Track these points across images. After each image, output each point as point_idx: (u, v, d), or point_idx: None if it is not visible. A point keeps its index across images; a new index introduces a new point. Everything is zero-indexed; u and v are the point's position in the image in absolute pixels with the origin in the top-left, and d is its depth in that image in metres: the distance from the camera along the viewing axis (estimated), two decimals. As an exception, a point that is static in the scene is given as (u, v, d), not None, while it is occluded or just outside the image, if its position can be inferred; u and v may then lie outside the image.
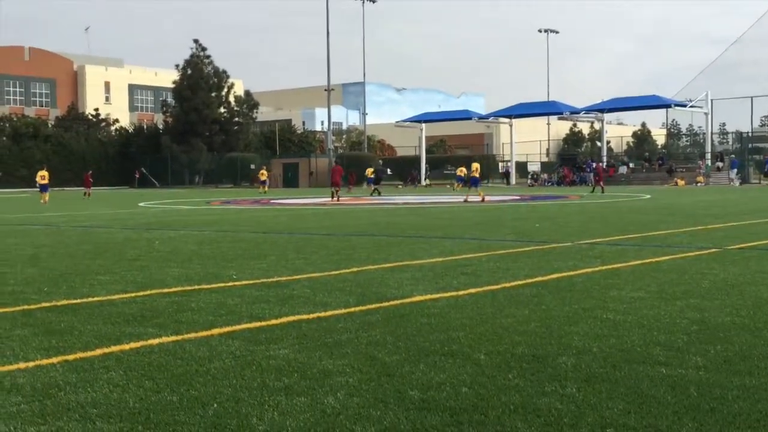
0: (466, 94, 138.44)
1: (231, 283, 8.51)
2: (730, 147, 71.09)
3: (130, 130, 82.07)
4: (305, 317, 6.51)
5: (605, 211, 22.69)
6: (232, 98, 76.81)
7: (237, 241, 13.93)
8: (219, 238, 14.47)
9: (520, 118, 71.35)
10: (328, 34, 72.92)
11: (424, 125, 73.35)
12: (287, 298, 7.51)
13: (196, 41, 75.38)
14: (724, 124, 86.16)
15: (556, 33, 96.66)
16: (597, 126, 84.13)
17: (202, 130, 73.63)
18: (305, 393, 4.39)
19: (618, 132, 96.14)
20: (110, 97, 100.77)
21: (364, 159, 68.59)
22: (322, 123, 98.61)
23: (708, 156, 62.60)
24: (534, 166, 71.86)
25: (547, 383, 4.51)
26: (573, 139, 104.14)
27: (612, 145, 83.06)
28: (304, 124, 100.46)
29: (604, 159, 67.08)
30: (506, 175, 68.84)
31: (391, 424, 3.87)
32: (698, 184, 55.76)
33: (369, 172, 47.00)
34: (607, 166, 63.83)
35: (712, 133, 65.89)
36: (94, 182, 46.38)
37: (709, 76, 71.58)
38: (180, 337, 5.82)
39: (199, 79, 73.79)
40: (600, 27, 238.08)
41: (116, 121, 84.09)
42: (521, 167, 71.70)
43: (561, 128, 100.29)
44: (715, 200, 29.05)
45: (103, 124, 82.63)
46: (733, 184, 54.24)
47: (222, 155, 74.10)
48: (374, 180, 44.84)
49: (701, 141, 70.86)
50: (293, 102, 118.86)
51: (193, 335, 5.89)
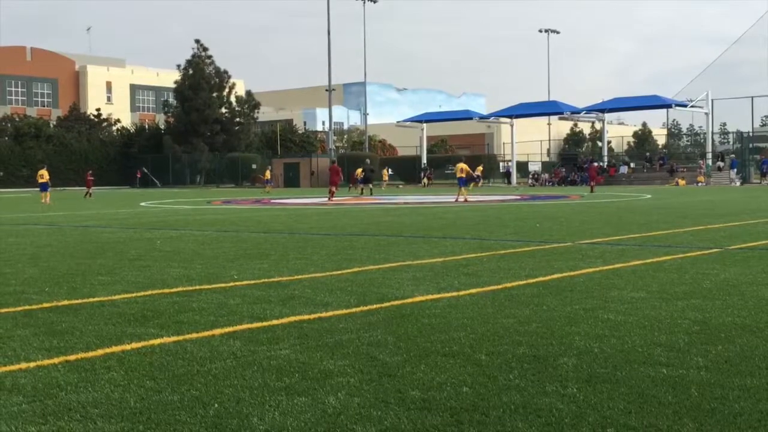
0: (467, 94, 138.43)
1: (232, 284, 8.51)
2: (730, 147, 71.05)
3: (132, 130, 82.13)
4: (306, 317, 6.51)
5: (606, 210, 22.68)
6: (233, 98, 76.89)
7: (238, 241, 13.94)
8: (220, 238, 14.48)
9: (521, 118, 71.36)
10: (329, 34, 73.02)
11: (425, 125, 73.37)
12: (288, 298, 7.52)
13: (198, 41, 75.50)
14: (724, 124, 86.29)
15: (557, 33, 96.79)
16: (598, 126, 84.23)
17: (203, 130, 73.69)
18: (306, 393, 4.39)
19: (619, 132, 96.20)
20: (112, 97, 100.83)
21: (366, 159, 68.62)
22: (323, 123, 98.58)
23: (709, 156, 62.59)
24: (535, 166, 71.89)
25: (548, 383, 4.52)
26: (574, 139, 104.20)
27: (613, 145, 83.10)
28: (305, 124, 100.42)
29: (605, 159, 67.10)
30: (507, 174, 68.84)
31: (391, 424, 3.87)
32: (699, 183, 55.76)
33: (358, 172, 47.20)
34: (608, 166, 63.86)
35: (712, 133, 65.87)
36: (96, 182, 46.40)
37: (710, 76, 71.57)
38: (181, 338, 5.83)
39: (201, 79, 73.84)
40: (603, 27, 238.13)
41: (118, 121, 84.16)
42: (522, 167, 71.70)
43: (562, 128, 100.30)
44: (716, 200, 29.05)
45: (105, 124, 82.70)
46: (734, 184, 54.22)
47: (223, 155, 74.14)
48: (364, 180, 44.87)
49: (702, 141, 70.81)
50: (294, 102, 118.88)
51: (194, 335, 5.90)
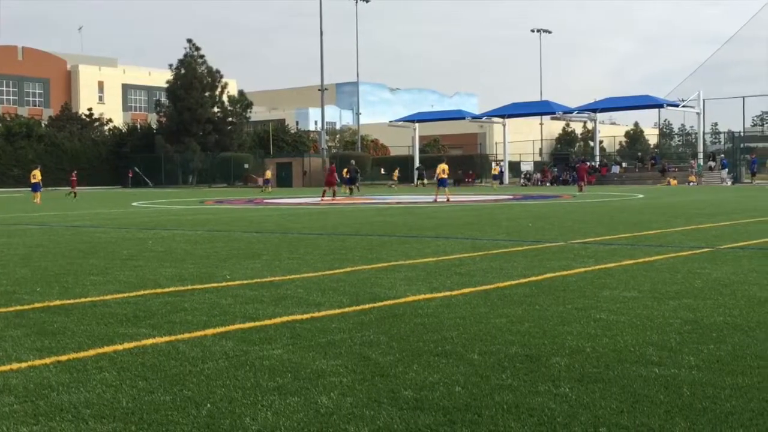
0: (459, 93, 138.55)
1: (224, 283, 8.50)
2: (722, 147, 71.29)
3: (124, 129, 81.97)
4: (299, 317, 6.51)
5: (598, 210, 22.73)
6: (225, 98, 76.83)
7: (230, 240, 13.92)
8: (212, 238, 14.46)
9: (513, 117, 71.47)
10: (321, 34, 72.99)
11: (417, 125, 73.42)
12: (281, 298, 7.51)
13: (190, 41, 75.44)
14: (716, 124, 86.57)
15: (549, 33, 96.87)
16: (590, 126, 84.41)
17: (195, 130, 73.61)
18: (299, 393, 4.39)
19: (611, 132, 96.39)
20: (104, 96, 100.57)
21: (358, 158, 68.67)
22: (316, 123, 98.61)
23: (700, 156, 62.78)
24: (527, 166, 71.98)
25: (540, 383, 4.52)
26: (566, 139, 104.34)
27: (605, 144, 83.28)
28: (297, 123, 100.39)
29: (597, 159, 67.22)
30: (499, 174, 68.85)
31: (384, 424, 3.88)
32: (690, 183, 55.92)
33: (344, 172, 47.52)
34: (599, 166, 64.00)
35: (704, 133, 66.07)
36: (88, 182, 46.38)
37: (702, 76, 71.79)
38: (173, 338, 5.81)
39: (193, 78, 73.76)
40: (599, 27, 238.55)
41: (110, 120, 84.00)
42: (514, 167, 71.80)
43: (554, 128, 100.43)
44: (707, 200, 29.13)
45: (97, 123, 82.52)
46: (725, 184, 54.39)
47: (215, 155, 74.06)
48: (350, 180, 44.99)
49: (693, 141, 71.07)
50: (287, 102, 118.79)
51: (186, 335, 5.89)
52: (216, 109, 75.93)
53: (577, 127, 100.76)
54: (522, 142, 77.97)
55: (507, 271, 9.23)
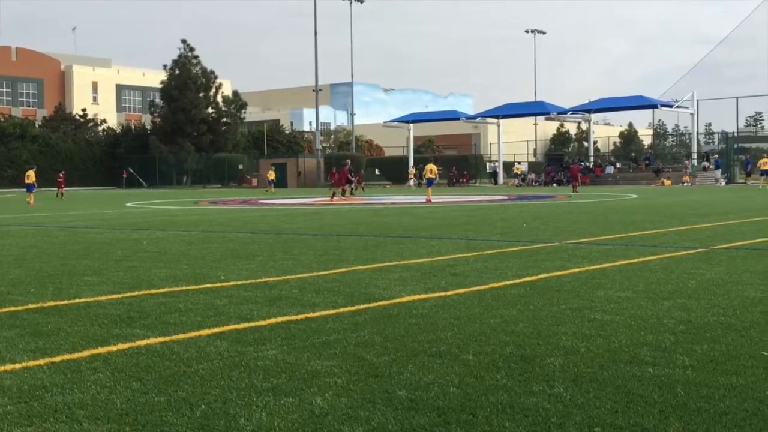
0: (454, 94, 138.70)
1: (219, 284, 8.49)
2: (716, 147, 71.47)
3: (118, 130, 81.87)
4: (293, 318, 6.50)
5: (592, 211, 22.75)
6: (220, 98, 76.79)
7: (225, 241, 13.91)
8: (207, 239, 14.44)
9: (508, 118, 71.53)
10: (315, 34, 72.92)
11: (411, 125, 73.44)
12: (275, 298, 7.50)
13: (184, 41, 75.40)
14: (710, 125, 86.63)
15: (543, 34, 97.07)
16: (584, 126, 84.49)
17: (189, 131, 73.54)
18: (293, 393, 4.39)
19: (605, 132, 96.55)
20: (98, 97, 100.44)
21: (353, 159, 68.66)
22: (310, 123, 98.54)
23: (694, 156, 62.91)
24: (521, 166, 71.98)
25: (534, 383, 4.53)
26: (560, 140, 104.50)
27: (599, 145, 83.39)
28: (292, 124, 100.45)
29: (591, 159, 67.31)
30: (494, 175, 68.98)
31: (379, 425, 3.87)
32: (684, 183, 56.02)
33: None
34: (594, 166, 64.08)
35: (698, 134, 66.22)
36: (82, 183, 46.25)
37: (696, 76, 71.97)
38: (168, 338, 5.81)
39: (187, 79, 73.69)
40: (592, 28, 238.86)
41: (104, 121, 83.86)
42: (509, 167, 71.86)
43: (548, 128, 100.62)
44: (701, 200, 29.19)
45: (91, 124, 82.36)
46: (719, 184, 54.51)
47: (210, 155, 73.99)
48: (346, 180, 45.21)
49: (687, 141, 71.27)
50: (281, 102, 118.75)
51: (180, 336, 5.88)
52: (210, 110, 75.88)
53: (572, 128, 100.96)
54: (516, 142, 78.04)
55: (501, 271, 9.24)
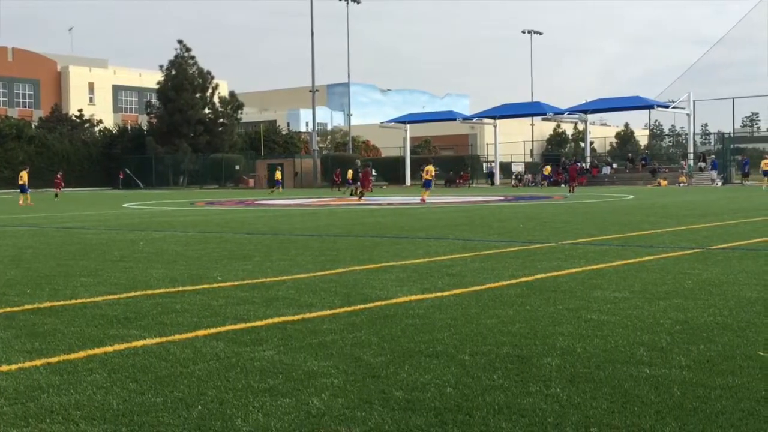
0: (450, 94, 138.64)
1: (216, 285, 8.49)
2: (712, 148, 71.57)
3: (114, 131, 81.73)
4: (290, 318, 6.50)
5: (589, 211, 22.77)
6: (216, 99, 76.70)
7: (221, 242, 13.90)
8: (203, 239, 14.43)
9: (505, 118, 71.56)
10: (312, 35, 72.94)
11: (408, 126, 73.42)
12: (272, 299, 7.50)
13: (181, 42, 75.32)
14: (706, 125, 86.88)
15: (540, 34, 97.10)
16: (580, 127, 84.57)
17: (186, 131, 73.47)
18: (290, 394, 4.38)
19: (601, 133, 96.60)
20: (94, 97, 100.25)
21: (349, 160, 68.74)
22: (307, 124, 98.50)
23: (690, 156, 62.99)
24: (518, 167, 72.07)
25: (531, 383, 4.53)
26: (557, 140, 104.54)
27: (595, 145, 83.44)
28: (288, 125, 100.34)
29: (588, 159, 67.35)
30: (490, 175, 69.02)
31: (375, 425, 3.87)
32: (681, 184, 56.08)
33: (349, 174, 47.76)
34: (590, 167, 64.11)
35: (694, 134, 66.29)
36: (78, 183, 46.21)
37: (692, 77, 72.06)
38: (164, 339, 5.80)
39: (184, 79, 73.61)
40: (589, 29, 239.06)
41: (100, 122, 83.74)
42: (505, 168, 71.90)
43: (545, 129, 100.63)
44: (698, 200, 29.23)
45: (87, 125, 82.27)
46: (715, 185, 54.58)
47: (206, 156, 73.93)
48: (354, 180, 45.19)
49: (684, 141, 71.34)
50: (278, 103, 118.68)
51: (177, 337, 5.88)
52: (207, 111, 75.79)
53: (568, 128, 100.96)
54: (513, 143, 78.07)
55: (498, 271, 9.25)
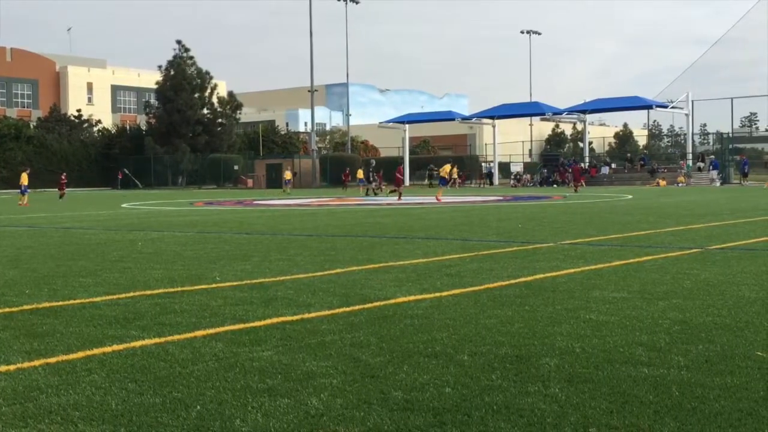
0: (449, 94, 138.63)
1: (214, 285, 8.49)
2: (710, 147, 71.59)
3: (113, 131, 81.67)
4: (289, 319, 6.50)
5: (588, 211, 22.78)
6: (215, 99, 76.71)
7: (220, 242, 13.89)
8: (202, 240, 14.42)
9: (503, 119, 71.57)
10: (311, 35, 72.92)
11: (407, 126, 73.41)
12: (271, 299, 7.50)
13: (179, 42, 75.28)
14: (704, 125, 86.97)
15: (539, 35, 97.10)
16: (579, 127, 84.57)
17: (185, 131, 73.45)
18: (289, 394, 4.38)
19: (600, 133, 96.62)
20: (93, 98, 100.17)
21: (349, 160, 68.76)
22: (306, 124, 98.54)
23: (689, 156, 63.01)
24: (517, 167, 72.06)
25: (530, 383, 4.53)
26: (555, 140, 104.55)
27: (594, 145, 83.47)
28: (287, 125, 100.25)
29: (586, 159, 67.35)
30: (489, 175, 69.01)
31: (374, 425, 3.87)
32: (679, 184, 56.09)
33: (359, 173, 47.83)
34: (589, 167, 64.12)
35: (693, 134, 66.32)
36: (77, 184, 46.17)
37: (690, 77, 72.12)
38: (163, 339, 5.80)
39: (182, 80, 73.59)
40: (587, 29, 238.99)
41: (99, 122, 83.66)
42: (504, 168, 71.91)
43: (544, 129, 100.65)
44: (696, 200, 29.23)
45: (86, 125, 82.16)
46: (714, 185, 54.60)
47: (205, 156, 73.90)
48: (366, 180, 45.37)
49: (682, 142, 71.33)
50: (277, 103, 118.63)
51: (176, 337, 5.87)
52: (206, 111, 75.79)
53: (567, 128, 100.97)
54: (512, 143, 78.08)
55: (497, 272, 9.25)
